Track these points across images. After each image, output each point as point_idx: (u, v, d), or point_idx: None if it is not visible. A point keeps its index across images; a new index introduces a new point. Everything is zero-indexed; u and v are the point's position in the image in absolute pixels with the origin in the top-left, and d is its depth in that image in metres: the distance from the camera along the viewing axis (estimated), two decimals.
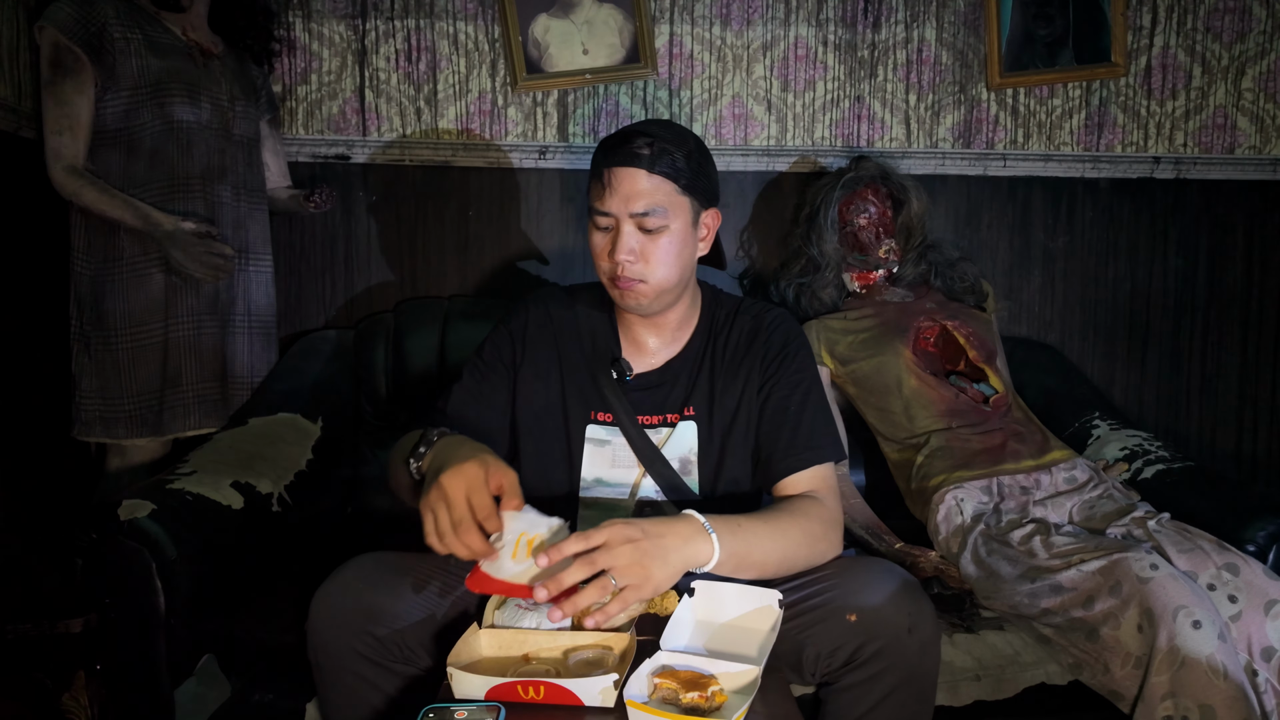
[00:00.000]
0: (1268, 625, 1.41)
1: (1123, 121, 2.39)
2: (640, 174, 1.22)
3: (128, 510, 1.38)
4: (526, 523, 1.05)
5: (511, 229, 2.31)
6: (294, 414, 1.89)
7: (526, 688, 0.95)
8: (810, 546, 1.19)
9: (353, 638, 1.10)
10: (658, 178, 1.22)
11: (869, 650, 1.09)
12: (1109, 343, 2.44)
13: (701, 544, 1.06)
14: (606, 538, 1.00)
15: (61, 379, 1.94)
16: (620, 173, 1.22)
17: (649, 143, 1.22)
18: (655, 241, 1.24)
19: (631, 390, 1.34)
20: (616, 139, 1.24)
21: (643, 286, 1.25)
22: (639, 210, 1.22)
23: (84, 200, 1.78)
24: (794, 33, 2.32)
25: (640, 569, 1.00)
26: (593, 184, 1.26)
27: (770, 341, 1.35)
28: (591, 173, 1.27)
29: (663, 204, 1.23)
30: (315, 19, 2.25)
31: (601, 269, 1.28)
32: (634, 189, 1.22)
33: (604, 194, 1.23)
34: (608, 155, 1.24)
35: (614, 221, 1.24)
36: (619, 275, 1.24)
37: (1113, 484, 1.79)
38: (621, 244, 1.23)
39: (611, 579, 0.98)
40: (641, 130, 1.24)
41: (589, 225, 1.28)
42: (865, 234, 2.05)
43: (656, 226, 1.23)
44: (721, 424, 1.33)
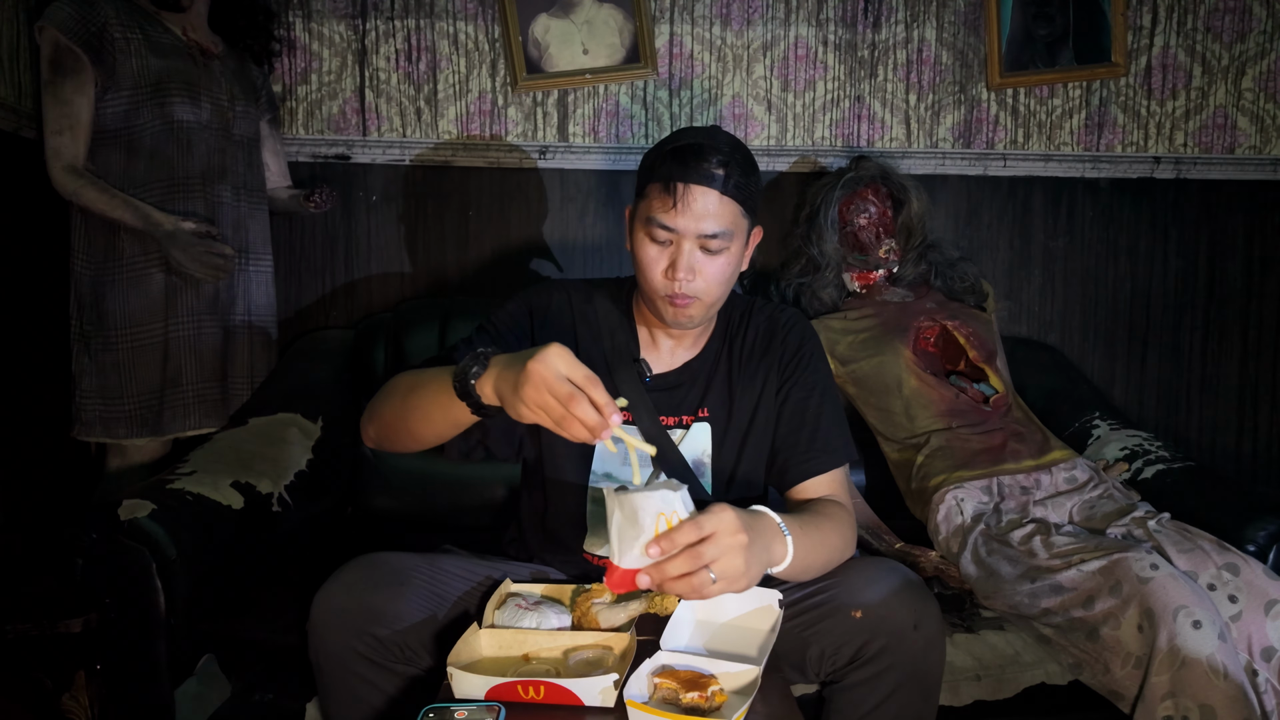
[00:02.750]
0: (1268, 625, 1.41)
1: (1123, 121, 2.39)
2: (714, 195, 1.19)
3: (128, 510, 1.38)
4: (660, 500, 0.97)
5: (511, 229, 2.31)
6: (294, 414, 1.89)
7: (526, 688, 0.95)
8: (841, 551, 1.21)
9: (353, 638, 1.11)
10: (729, 200, 1.20)
11: (874, 648, 1.09)
12: (1109, 343, 2.44)
13: (779, 546, 1.06)
14: (716, 528, 0.95)
15: (61, 379, 1.94)
16: (695, 190, 1.18)
17: (724, 162, 1.19)
18: (714, 262, 1.22)
19: (649, 390, 1.33)
20: (690, 152, 1.19)
21: (696, 304, 1.24)
22: (709, 232, 1.19)
23: (84, 200, 1.78)
24: (794, 33, 2.32)
25: (738, 565, 0.96)
26: (653, 192, 1.21)
27: (786, 343, 1.34)
28: (651, 177, 1.22)
29: (730, 226, 1.21)
30: (315, 19, 2.25)
31: (653, 284, 1.24)
32: (706, 209, 1.19)
33: (672, 208, 1.19)
34: (683, 168, 1.18)
35: (675, 238, 1.21)
36: (676, 293, 1.22)
37: (1113, 484, 1.79)
38: (682, 262, 1.20)
39: (710, 574, 0.94)
40: (713, 145, 1.20)
41: (639, 232, 1.24)
42: (865, 234, 2.05)
43: (719, 249, 1.21)
44: (737, 426, 1.32)
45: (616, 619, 1.10)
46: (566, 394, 0.96)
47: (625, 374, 1.31)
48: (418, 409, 1.15)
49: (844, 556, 1.21)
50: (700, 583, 0.94)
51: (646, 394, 1.31)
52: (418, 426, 1.16)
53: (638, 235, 1.24)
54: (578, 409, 0.96)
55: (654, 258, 1.23)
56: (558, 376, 0.97)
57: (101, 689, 1.44)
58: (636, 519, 0.97)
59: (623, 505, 0.98)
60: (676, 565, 0.94)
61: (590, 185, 2.31)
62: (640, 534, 0.96)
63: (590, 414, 0.96)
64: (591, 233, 2.32)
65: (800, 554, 1.08)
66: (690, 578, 0.94)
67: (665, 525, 0.96)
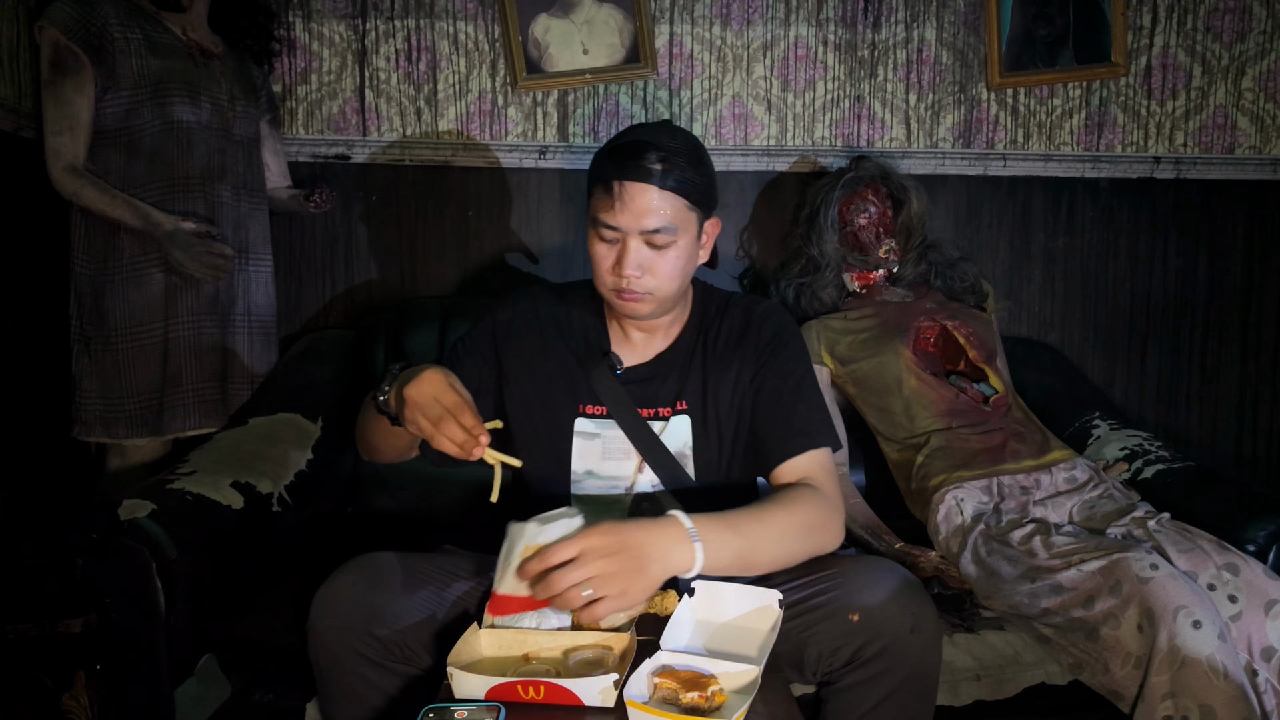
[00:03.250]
0: (1268, 625, 1.41)
1: (1123, 121, 2.39)
2: (652, 190, 1.19)
3: (128, 510, 1.38)
4: (529, 533, 1.05)
5: (511, 229, 2.31)
6: (294, 414, 1.89)
7: (526, 688, 0.95)
8: (808, 538, 1.18)
9: (353, 638, 1.11)
10: (670, 194, 1.20)
11: (871, 650, 1.09)
12: (1109, 343, 2.44)
13: (682, 551, 1.05)
14: (581, 549, 0.99)
15: (61, 379, 1.94)
16: (632, 188, 1.19)
17: (661, 157, 1.19)
18: (662, 256, 1.23)
19: (622, 383, 1.33)
20: (627, 150, 1.20)
21: (647, 298, 1.25)
22: (650, 228, 1.20)
23: (84, 200, 1.78)
24: (794, 33, 2.32)
25: (616, 581, 0.99)
26: (597, 192, 1.24)
27: (761, 332, 1.34)
28: (594, 178, 1.25)
29: (673, 221, 1.21)
30: (315, 19, 2.25)
31: (603, 281, 1.26)
32: (646, 206, 1.20)
33: (612, 207, 1.20)
34: (619, 166, 1.20)
35: (620, 236, 1.22)
36: (624, 289, 1.23)
37: (1113, 484, 1.79)
38: (628, 259, 1.21)
39: (585, 590, 0.98)
40: (652, 142, 1.21)
41: (590, 233, 1.26)
42: (865, 234, 2.05)
43: (665, 243, 1.22)
44: (715, 417, 1.32)
45: (617, 619, 1.10)
46: (436, 416, 1.07)
47: (599, 370, 1.32)
48: (369, 428, 1.29)
49: (815, 541, 1.18)
50: (573, 600, 0.99)
51: (621, 388, 1.32)
52: (379, 443, 1.29)
53: (589, 235, 1.27)
54: (445, 429, 1.07)
55: (602, 255, 1.25)
56: (429, 400, 1.08)
57: (101, 689, 1.45)
58: (513, 549, 1.06)
59: (508, 535, 1.08)
60: (547, 589, 0.99)
61: None
62: (512, 564, 1.05)
63: (457, 433, 1.07)
64: None
65: (726, 552, 1.08)
66: (563, 598, 0.99)
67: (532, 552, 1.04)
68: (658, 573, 1.03)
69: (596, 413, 1.33)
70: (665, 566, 1.04)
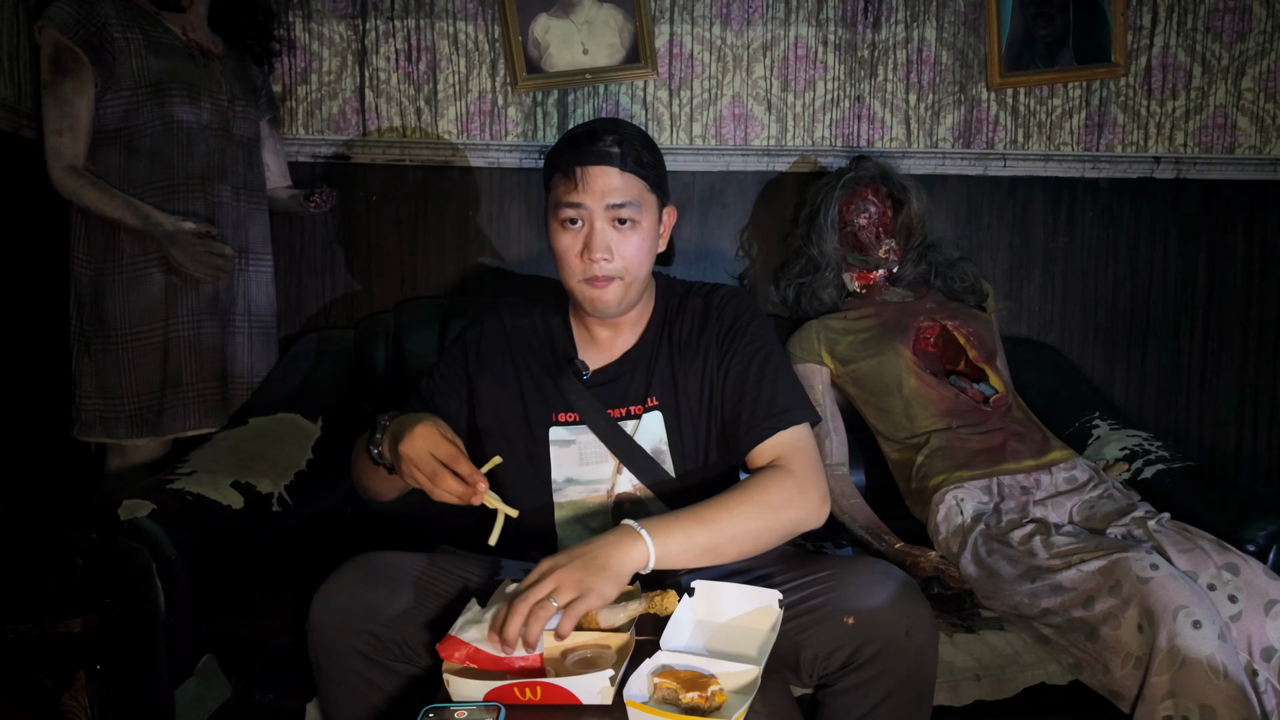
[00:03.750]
0: (1268, 625, 1.40)
1: (1123, 121, 2.39)
2: (614, 172, 1.22)
3: (128, 510, 1.38)
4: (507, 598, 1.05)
5: (511, 229, 2.31)
6: (294, 414, 1.89)
7: (523, 689, 0.95)
8: (774, 516, 1.17)
9: (353, 637, 1.11)
10: (630, 175, 1.23)
11: (866, 653, 1.09)
12: (1109, 343, 2.44)
13: (634, 547, 1.07)
14: (536, 574, 1.04)
15: (61, 379, 1.94)
16: (593, 171, 1.22)
17: (618, 140, 1.23)
18: (628, 239, 1.24)
19: (590, 386, 1.33)
20: (583, 137, 1.23)
21: (616, 285, 1.25)
22: (616, 202, 1.22)
23: (84, 200, 1.78)
24: (794, 33, 2.32)
25: (577, 583, 1.01)
26: (556, 181, 1.25)
27: (722, 318, 1.34)
28: (553, 171, 1.26)
29: (636, 199, 1.24)
30: (315, 19, 2.25)
31: (571, 270, 1.26)
32: (608, 185, 1.22)
33: (575, 189, 1.22)
34: (577, 153, 1.23)
35: (586, 216, 1.23)
36: (593, 275, 1.24)
37: (1113, 484, 1.79)
38: (596, 241, 1.22)
39: (552, 600, 1.00)
40: (606, 129, 1.24)
41: (552, 225, 1.27)
42: (865, 234, 2.05)
43: (630, 219, 1.23)
44: (688, 410, 1.32)
45: (616, 619, 1.10)
46: (431, 471, 1.10)
47: (567, 378, 1.33)
48: (365, 475, 1.31)
49: (781, 518, 1.17)
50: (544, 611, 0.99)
51: (589, 392, 1.32)
52: (377, 488, 1.32)
53: (552, 229, 1.27)
54: (441, 483, 1.10)
55: (568, 244, 1.25)
56: (423, 456, 1.10)
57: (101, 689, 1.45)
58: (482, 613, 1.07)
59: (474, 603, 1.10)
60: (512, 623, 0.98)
61: None
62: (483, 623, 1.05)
63: (454, 486, 1.09)
64: None
65: (681, 542, 1.10)
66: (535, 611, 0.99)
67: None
68: (617, 568, 1.05)
69: (569, 419, 1.33)
70: (622, 562, 1.06)
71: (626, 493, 1.32)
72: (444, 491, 1.09)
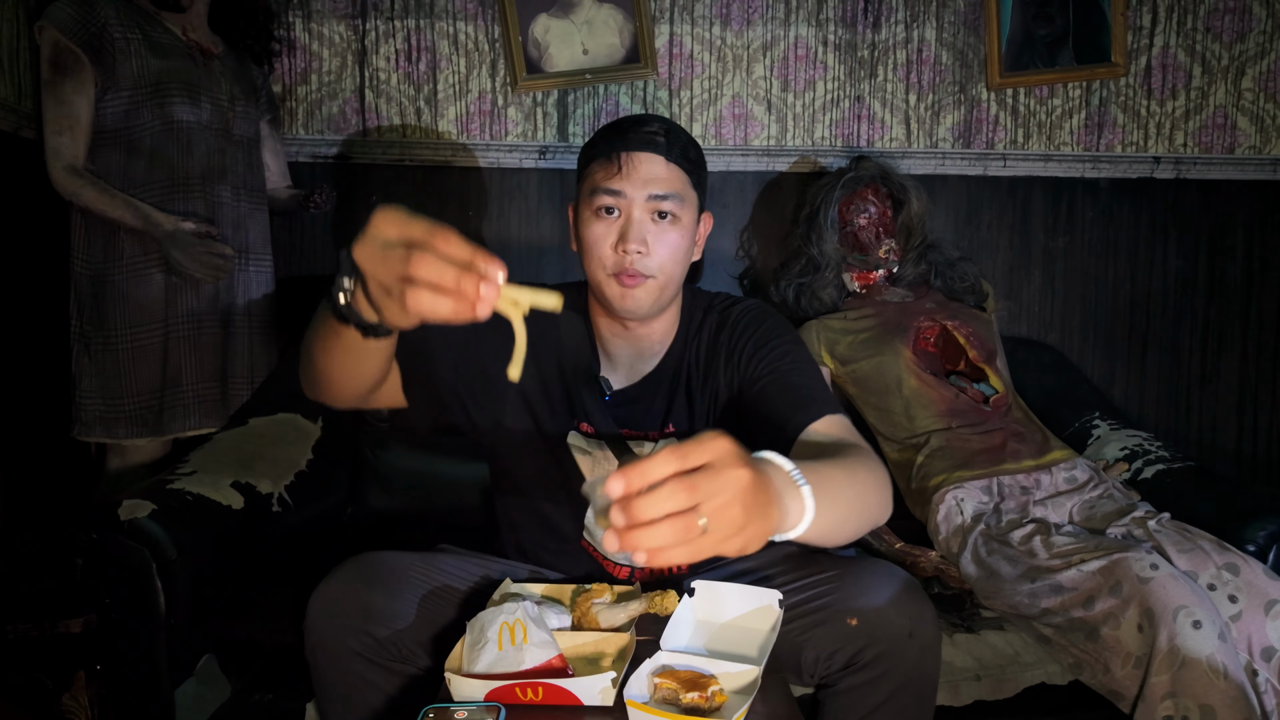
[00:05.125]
0: (1268, 625, 1.41)
1: (1123, 121, 2.39)
2: (659, 160, 1.16)
3: (128, 510, 1.38)
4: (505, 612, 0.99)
5: (511, 229, 2.31)
6: (294, 414, 1.89)
7: (524, 689, 0.95)
8: (879, 495, 1.00)
9: (350, 637, 1.10)
10: (675, 167, 1.17)
11: (869, 654, 1.08)
12: (1109, 343, 2.44)
13: (791, 499, 0.79)
14: (713, 457, 0.69)
15: (61, 379, 1.94)
16: (638, 156, 1.15)
17: (666, 129, 1.17)
18: (666, 234, 1.17)
19: (610, 406, 1.28)
20: (630, 122, 1.18)
21: (650, 285, 1.18)
22: (659, 193, 1.16)
23: (84, 200, 1.78)
24: (794, 33, 2.32)
25: (737, 515, 0.69)
26: (595, 167, 1.18)
27: (738, 339, 1.26)
28: (591, 157, 1.20)
29: (679, 192, 1.17)
30: (315, 19, 2.25)
31: (601, 262, 1.18)
32: (653, 173, 1.16)
33: (616, 175, 1.15)
34: (623, 138, 1.17)
35: (624, 205, 1.16)
36: (626, 268, 1.16)
37: (1113, 484, 1.79)
38: (633, 231, 1.15)
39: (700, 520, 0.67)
40: (652, 118, 1.20)
41: (584, 215, 1.19)
42: (865, 234, 2.05)
43: (671, 212, 1.17)
44: None
45: (616, 619, 1.10)
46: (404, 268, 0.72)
47: (589, 391, 1.27)
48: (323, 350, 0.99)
49: (882, 501, 1.00)
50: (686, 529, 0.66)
51: (609, 411, 1.27)
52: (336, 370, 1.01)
53: (583, 218, 1.19)
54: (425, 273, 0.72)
55: (601, 234, 1.17)
56: (388, 249, 0.74)
57: (101, 689, 1.45)
58: (484, 630, 0.97)
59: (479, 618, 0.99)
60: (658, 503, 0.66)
61: None
62: (487, 643, 0.96)
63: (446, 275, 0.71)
64: None
65: (825, 507, 0.82)
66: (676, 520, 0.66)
67: (509, 635, 0.97)
68: (776, 518, 0.75)
69: (588, 430, 1.29)
70: (781, 513, 0.77)
71: None
72: (430, 295, 0.71)
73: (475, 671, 0.96)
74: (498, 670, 0.96)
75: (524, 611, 0.99)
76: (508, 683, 0.95)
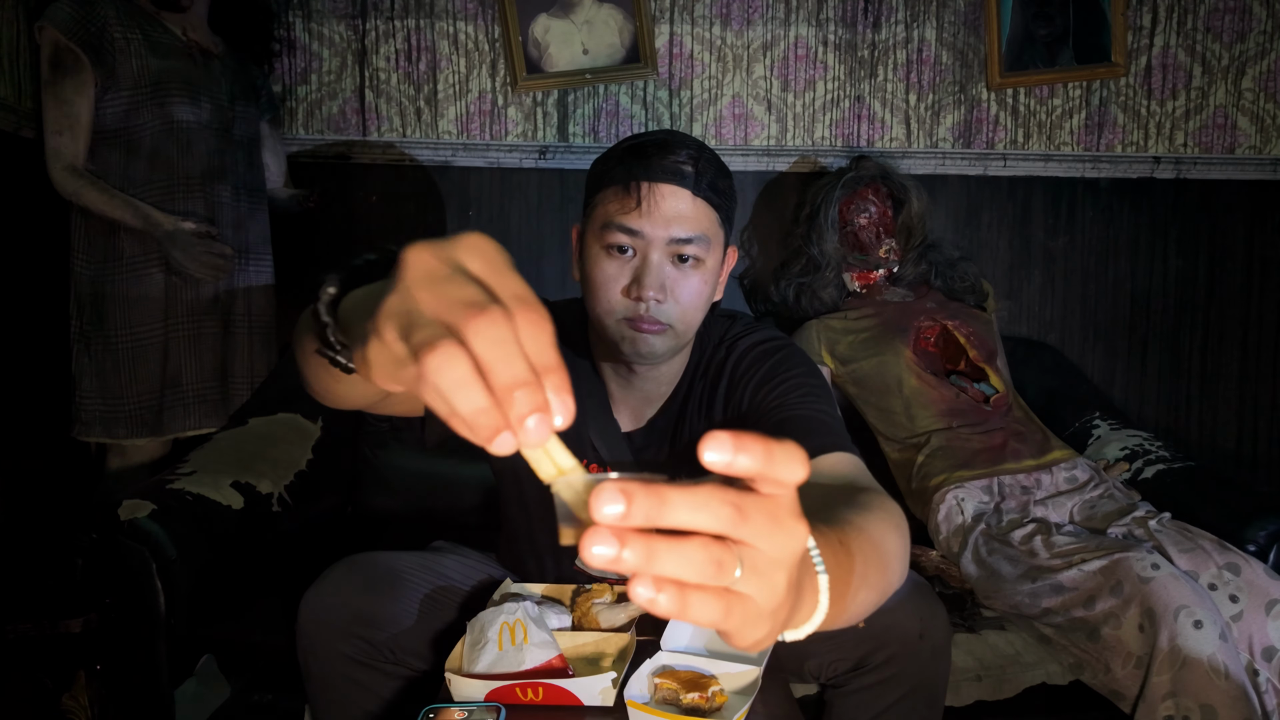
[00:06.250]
0: (1269, 625, 1.40)
1: (1123, 121, 2.39)
2: (685, 194, 1.02)
3: (128, 510, 1.38)
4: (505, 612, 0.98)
5: (511, 229, 2.31)
6: (294, 414, 1.89)
7: (525, 689, 0.95)
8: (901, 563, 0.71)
9: (341, 641, 1.08)
10: (702, 203, 1.03)
11: (879, 657, 1.05)
12: (1109, 343, 2.44)
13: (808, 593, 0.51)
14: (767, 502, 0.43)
15: (61, 379, 1.94)
16: (661, 190, 1.01)
17: (694, 157, 1.03)
18: (687, 280, 1.04)
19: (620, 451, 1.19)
20: (653, 147, 1.03)
21: (667, 334, 1.05)
22: (682, 236, 1.02)
23: (84, 200, 1.78)
24: (794, 32, 2.32)
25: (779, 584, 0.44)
26: (609, 195, 1.04)
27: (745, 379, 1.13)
28: (604, 181, 1.06)
29: (706, 233, 1.03)
30: (315, 19, 2.24)
31: (611, 308, 1.05)
32: (676, 211, 1.02)
33: (635, 209, 1.01)
34: (645, 165, 1.02)
35: (641, 246, 1.02)
36: (641, 315, 1.03)
37: (1113, 484, 1.79)
38: (650, 277, 1.01)
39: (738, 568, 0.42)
40: (678, 141, 1.04)
41: (592, 248, 1.05)
42: (865, 234, 2.05)
43: (695, 257, 1.03)
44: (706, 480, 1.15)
45: (616, 619, 1.10)
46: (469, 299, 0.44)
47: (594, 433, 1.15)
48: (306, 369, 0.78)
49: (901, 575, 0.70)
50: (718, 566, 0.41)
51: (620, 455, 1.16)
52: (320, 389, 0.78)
53: (590, 252, 1.05)
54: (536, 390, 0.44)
55: (612, 275, 1.03)
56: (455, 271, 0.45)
57: (101, 689, 1.45)
58: (484, 630, 0.97)
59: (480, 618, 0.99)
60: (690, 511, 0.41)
61: None
62: (487, 643, 0.96)
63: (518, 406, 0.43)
64: None
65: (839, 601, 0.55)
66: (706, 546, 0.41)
67: (509, 635, 0.96)
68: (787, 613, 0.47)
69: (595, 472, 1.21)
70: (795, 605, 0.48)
71: None
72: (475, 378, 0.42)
73: (475, 672, 0.96)
74: (498, 670, 0.96)
75: (524, 611, 0.99)
76: (508, 683, 0.95)
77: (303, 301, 0.66)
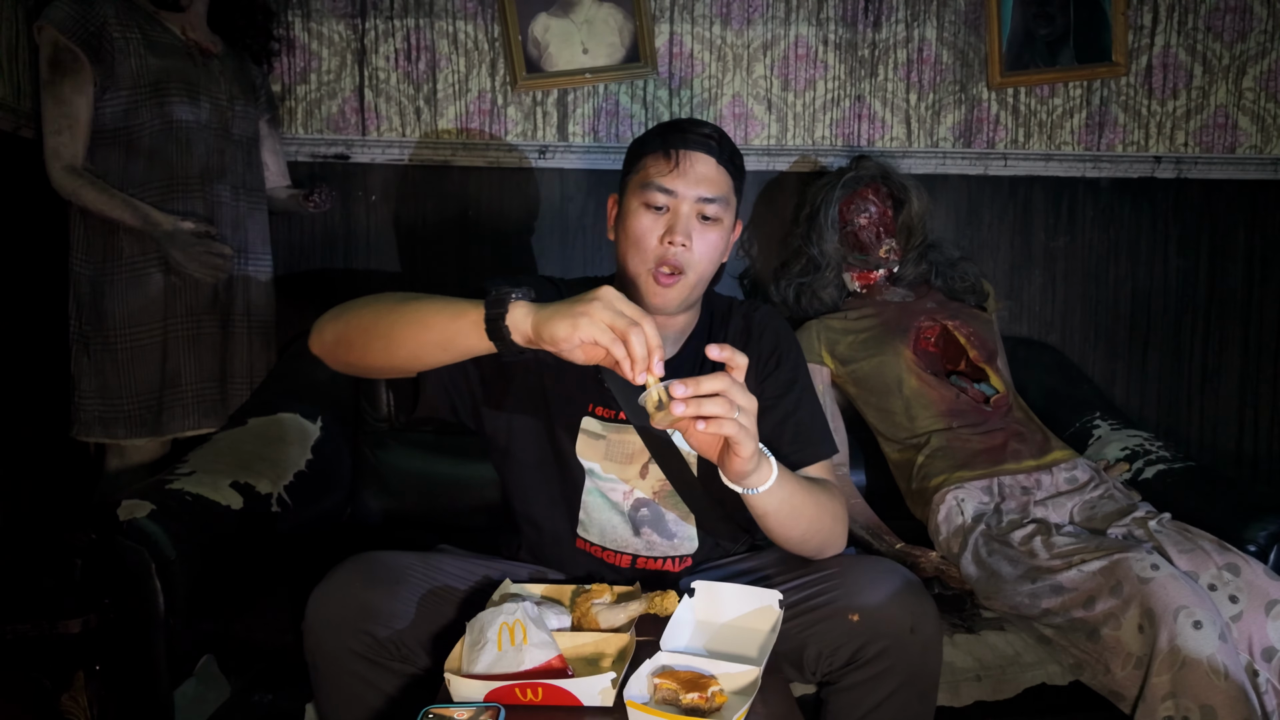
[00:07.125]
0: (1269, 625, 1.40)
1: (1124, 121, 2.39)
2: (711, 162, 1.23)
3: (127, 510, 1.38)
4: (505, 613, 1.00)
5: (511, 229, 2.31)
6: (294, 414, 1.89)
7: (524, 690, 0.95)
8: (833, 523, 1.21)
9: (349, 637, 1.10)
10: (724, 170, 1.24)
11: (871, 650, 1.09)
12: (1110, 343, 2.44)
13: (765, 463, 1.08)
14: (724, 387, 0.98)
15: (61, 379, 1.94)
16: (694, 156, 1.22)
17: (717, 134, 1.25)
18: (708, 233, 1.24)
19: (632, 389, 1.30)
20: (686, 123, 1.26)
21: (683, 280, 1.24)
22: (708, 195, 1.22)
23: (83, 200, 1.78)
24: (794, 32, 2.31)
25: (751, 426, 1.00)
26: (649, 161, 1.24)
27: (762, 342, 1.35)
28: (643, 151, 1.26)
29: (725, 195, 1.24)
30: (315, 18, 2.24)
31: (645, 254, 1.23)
32: (706, 175, 1.22)
33: (672, 170, 1.22)
34: (682, 136, 1.23)
35: (674, 203, 1.22)
36: (668, 259, 1.22)
37: (1114, 484, 1.79)
38: (679, 226, 1.21)
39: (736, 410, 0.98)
40: (707, 123, 1.26)
41: (631, 205, 1.25)
42: (866, 233, 2.04)
43: (715, 216, 1.23)
44: None
45: (616, 619, 1.10)
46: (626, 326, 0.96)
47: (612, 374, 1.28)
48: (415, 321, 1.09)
49: (835, 530, 1.21)
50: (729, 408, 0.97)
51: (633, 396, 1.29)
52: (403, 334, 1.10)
53: (630, 208, 1.25)
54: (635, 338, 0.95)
55: (648, 227, 1.23)
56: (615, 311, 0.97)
57: (101, 689, 1.44)
58: (484, 631, 0.99)
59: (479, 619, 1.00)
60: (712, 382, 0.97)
61: (590, 185, 2.31)
62: (487, 644, 0.98)
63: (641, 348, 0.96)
64: (591, 233, 2.32)
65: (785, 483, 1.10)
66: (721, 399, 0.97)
67: (508, 635, 0.98)
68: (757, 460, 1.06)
69: (605, 415, 1.31)
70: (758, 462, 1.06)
71: (644, 499, 1.31)
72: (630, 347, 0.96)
73: (475, 672, 0.96)
74: (497, 671, 0.96)
75: (524, 612, 0.99)
76: (507, 683, 0.95)
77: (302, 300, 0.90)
